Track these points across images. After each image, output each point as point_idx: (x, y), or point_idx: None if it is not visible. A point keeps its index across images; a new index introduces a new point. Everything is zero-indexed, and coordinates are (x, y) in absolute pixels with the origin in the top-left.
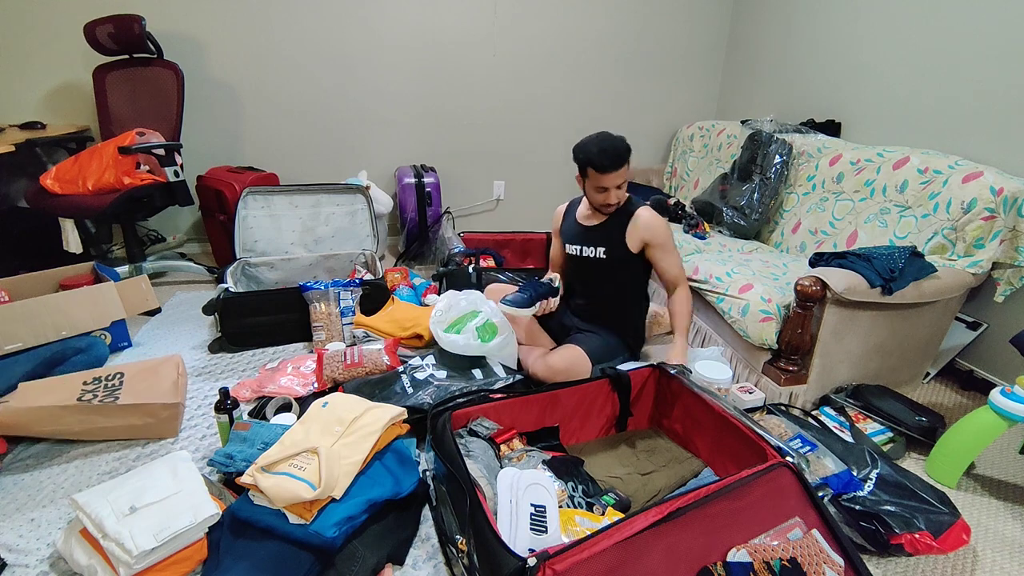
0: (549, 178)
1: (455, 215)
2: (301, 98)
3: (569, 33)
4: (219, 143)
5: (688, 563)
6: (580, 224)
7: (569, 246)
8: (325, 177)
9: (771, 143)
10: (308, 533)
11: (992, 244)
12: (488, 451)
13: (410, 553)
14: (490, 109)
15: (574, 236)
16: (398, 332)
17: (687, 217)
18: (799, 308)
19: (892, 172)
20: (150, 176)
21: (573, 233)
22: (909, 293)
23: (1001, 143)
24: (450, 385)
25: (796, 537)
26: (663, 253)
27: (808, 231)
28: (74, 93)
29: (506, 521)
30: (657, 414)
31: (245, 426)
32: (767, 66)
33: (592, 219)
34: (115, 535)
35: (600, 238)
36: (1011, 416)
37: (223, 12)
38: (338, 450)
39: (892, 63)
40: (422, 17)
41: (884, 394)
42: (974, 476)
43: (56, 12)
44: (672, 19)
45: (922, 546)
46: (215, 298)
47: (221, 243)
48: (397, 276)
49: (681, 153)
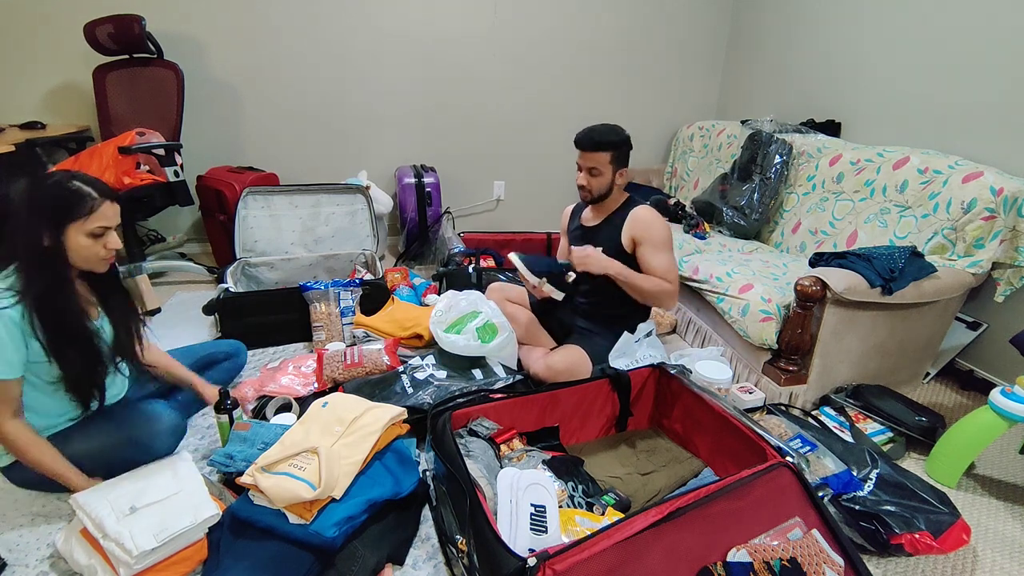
0: (549, 178)
1: (455, 215)
2: (301, 98)
3: (569, 33)
4: (219, 143)
5: (688, 563)
6: (583, 226)
7: (573, 246)
8: (325, 177)
9: (771, 143)
10: (308, 533)
11: (992, 244)
12: (488, 451)
13: (410, 553)
14: (490, 109)
15: (579, 237)
16: (398, 332)
17: (687, 217)
18: (799, 308)
19: (892, 172)
20: (150, 176)
21: (577, 234)
22: (909, 293)
23: (1001, 143)
24: (450, 385)
25: (796, 537)
26: (651, 250)
27: (808, 231)
28: (74, 93)
29: (506, 521)
30: (657, 414)
31: (245, 426)
32: (767, 66)
33: (594, 219)
34: (115, 535)
35: (599, 238)
36: (1011, 416)
37: (223, 12)
38: (338, 450)
39: (892, 63)
40: (422, 17)
41: (884, 394)
42: (974, 476)
43: (56, 12)
44: (672, 19)
45: (922, 546)
46: (215, 298)
47: (221, 243)
48: (397, 276)
49: (681, 153)
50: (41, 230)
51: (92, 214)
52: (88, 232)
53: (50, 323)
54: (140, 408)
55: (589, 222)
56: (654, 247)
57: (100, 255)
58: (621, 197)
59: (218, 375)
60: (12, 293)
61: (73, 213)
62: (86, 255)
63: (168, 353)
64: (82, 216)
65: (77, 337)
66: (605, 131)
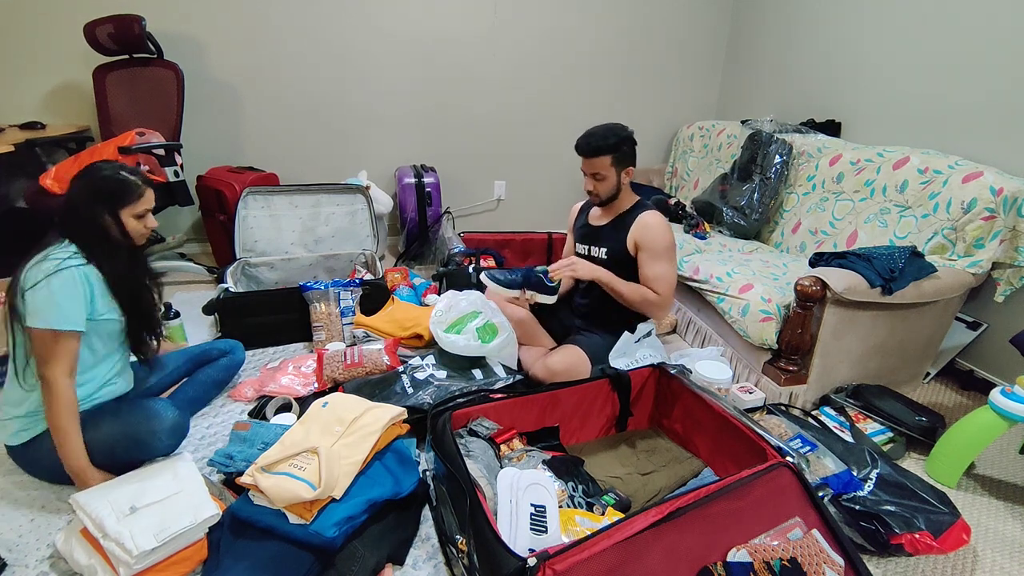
0: (550, 178)
1: (455, 215)
2: (301, 98)
3: (569, 33)
4: (219, 143)
5: (688, 563)
6: (590, 224)
7: (579, 244)
8: (325, 177)
9: (771, 143)
10: (308, 533)
11: (992, 244)
12: (488, 451)
13: (410, 553)
14: (490, 109)
15: (584, 235)
16: (398, 332)
17: (687, 217)
18: (799, 308)
19: (892, 172)
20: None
21: (583, 232)
22: (909, 293)
23: (1001, 143)
24: (450, 385)
25: (796, 537)
26: (649, 257)
27: (808, 231)
28: (74, 93)
29: (506, 521)
30: (657, 414)
31: (245, 426)
32: (767, 66)
33: (601, 219)
34: (115, 535)
35: (605, 238)
36: (1011, 416)
37: (223, 12)
38: (338, 450)
39: (892, 63)
40: (422, 17)
41: (884, 394)
42: (974, 476)
43: (56, 12)
44: (672, 19)
45: (922, 546)
46: (215, 298)
47: (221, 243)
48: (397, 276)
49: (681, 153)
50: (102, 213)
51: (140, 199)
52: (135, 214)
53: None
54: (142, 405)
55: (596, 221)
56: (652, 255)
57: (143, 232)
58: (630, 199)
59: (215, 372)
60: (82, 256)
61: (126, 199)
62: (134, 232)
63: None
64: (132, 201)
65: (139, 293)
66: (603, 134)
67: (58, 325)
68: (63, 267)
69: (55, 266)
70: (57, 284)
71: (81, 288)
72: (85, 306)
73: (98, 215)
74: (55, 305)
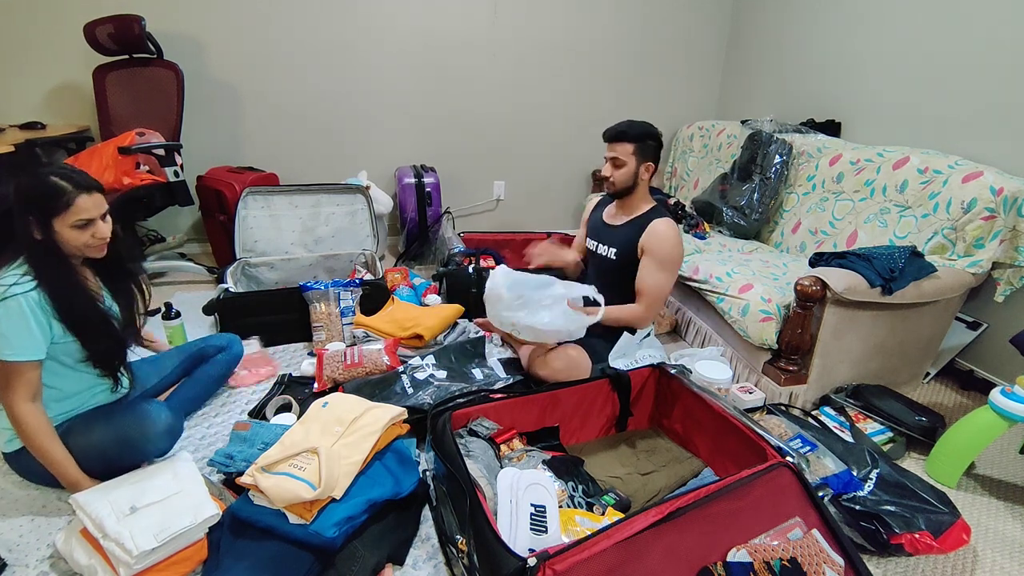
0: (550, 178)
1: (455, 215)
2: (301, 98)
3: (569, 33)
4: (219, 143)
5: (688, 563)
6: (604, 221)
7: (589, 240)
8: (325, 177)
9: (771, 143)
10: (308, 533)
11: (992, 244)
12: (488, 451)
13: (410, 553)
14: (490, 109)
15: (596, 232)
16: (398, 332)
17: (687, 217)
18: (799, 308)
19: (892, 172)
20: (150, 176)
21: (596, 228)
22: (909, 293)
23: (1001, 143)
24: (450, 385)
25: (796, 537)
26: (649, 264)
27: (808, 231)
28: (74, 93)
29: (506, 521)
30: (657, 414)
31: (245, 426)
32: (767, 66)
33: (616, 219)
34: (115, 535)
35: (615, 239)
36: (1011, 416)
37: (223, 12)
38: (338, 450)
39: (892, 63)
40: (422, 17)
41: (884, 394)
42: (974, 476)
43: (56, 12)
44: (672, 19)
45: (922, 546)
46: (215, 298)
47: (221, 243)
48: (397, 276)
49: (681, 153)
50: (31, 224)
51: (70, 208)
52: (72, 224)
53: (64, 305)
54: (135, 408)
55: (611, 220)
56: (654, 263)
57: (88, 243)
58: (648, 202)
59: (214, 369)
60: (31, 278)
61: (55, 208)
62: (76, 244)
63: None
64: (61, 211)
65: (90, 317)
66: (629, 123)
67: (5, 357)
68: (7, 295)
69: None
70: (2, 314)
71: (30, 317)
72: (42, 331)
73: (30, 226)
74: (1, 336)
